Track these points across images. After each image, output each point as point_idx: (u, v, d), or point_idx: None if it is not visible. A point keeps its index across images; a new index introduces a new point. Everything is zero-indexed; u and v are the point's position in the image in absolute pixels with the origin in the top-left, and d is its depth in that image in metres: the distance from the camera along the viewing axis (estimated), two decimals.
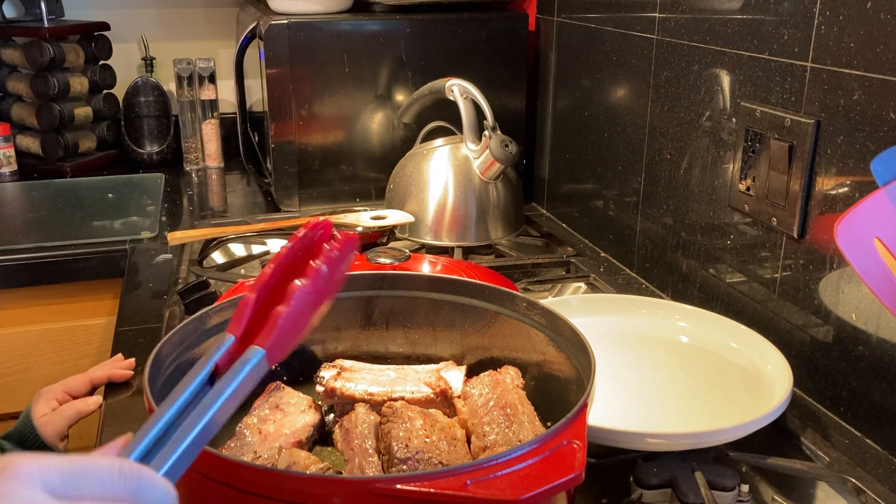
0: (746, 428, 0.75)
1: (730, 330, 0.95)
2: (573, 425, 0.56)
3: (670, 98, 1.12)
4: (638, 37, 1.18)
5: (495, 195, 1.33)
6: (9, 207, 1.58)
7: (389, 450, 0.65)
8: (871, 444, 0.83)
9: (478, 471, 0.51)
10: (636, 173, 1.22)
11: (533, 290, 1.20)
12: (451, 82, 1.32)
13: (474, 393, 0.73)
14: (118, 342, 1.03)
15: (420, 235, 1.33)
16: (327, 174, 1.49)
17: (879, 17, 0.77)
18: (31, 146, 1.76)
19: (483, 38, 1.50)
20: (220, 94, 1.86)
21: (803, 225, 0.90)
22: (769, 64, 0.92)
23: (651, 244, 1.20)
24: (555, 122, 1.50)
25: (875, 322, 0.81)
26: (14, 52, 1.72)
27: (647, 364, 0.92)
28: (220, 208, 1.61)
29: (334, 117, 1.47)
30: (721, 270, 1.05)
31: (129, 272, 1.26)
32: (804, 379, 0.91)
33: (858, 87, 0.80)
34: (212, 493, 0.55)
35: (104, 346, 1.37)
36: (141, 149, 1.84)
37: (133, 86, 1.82)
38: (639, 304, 1.02)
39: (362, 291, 0.83)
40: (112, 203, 1.56)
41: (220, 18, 1.92)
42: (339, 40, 1.43)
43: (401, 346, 0.85)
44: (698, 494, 0.71)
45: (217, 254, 1.34)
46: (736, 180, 0.99)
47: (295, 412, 0.74)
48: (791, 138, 0.89)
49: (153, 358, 0.64)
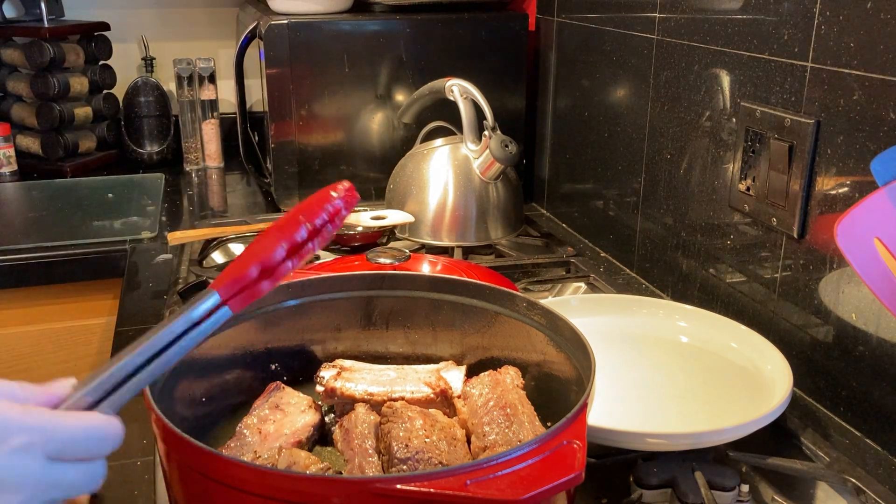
0: (746, 428, 0.75)
1: (730, 330, 0.95)
2: (573, 425, 0.56)
3: (670, 98, 1.12)
4: (638, 37, 1.18)
5: (495, 195, 1.33)
6: (9, 207, 1.58)
7: (389, 450, 0.65)
8: (871, 444, 0.83)
9: (478, 471, 0.51)
10: (636, 173, 1.22)
11: (533, 290, 1.20)
12: (451, 82, 1.32)
13: (474, 393, 0.73)
14: (118, 342, 1.03)
15: (420, 235, 1.33)
16: (327, 174, 1.49)
17: (879, 17, 0.77)
18: (31, 146, 1.76)
19: (483, 38, 1.50)
20: (220, 94, 1.86)
21: (803, 225, 0.90)
22: (769, 64, 0.92)
23: (651, 244, 1.20)
24: (555, 122, 1.50)
25: (875, 322, 0.81)
26: (14, 52, 1.72)
27: (647, 364, 0.92)
28: (220, 208, 1.61)
29: (334, 117, 1.47)
30: (721, 270, 1.05)
31: (129, 272, 1.26)
32: (804, 379, 0.91)
33: (858, 87, 0.80)
34: (212, 493, 0.55)
35: (104, 346, 1.37)
36: (141, 149, 1.84)
37: (133, 86, 1.82)
38: (639, 304, 1.02)
39: (362, 291, 0.83)
40: (112, 203, 1.56)
41: (220, 18, 1.92)
42: (339, 40, 1.43)
43: (401, 346, 0.85)
44: (698, 494, 0.71)
45: (217, 254, 1.34)
46: (736, 180, 0.99)
47: (295, 412, 0.74)
48: (791, 138, 0.89)
49: None
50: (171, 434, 0.55)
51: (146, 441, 0.82)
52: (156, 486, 0.75)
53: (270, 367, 0.81)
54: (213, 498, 0.55)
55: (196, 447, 0.54)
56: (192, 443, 0.54)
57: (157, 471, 0.78)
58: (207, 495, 0.55)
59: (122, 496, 0.74)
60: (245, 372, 0.78)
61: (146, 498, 0.74)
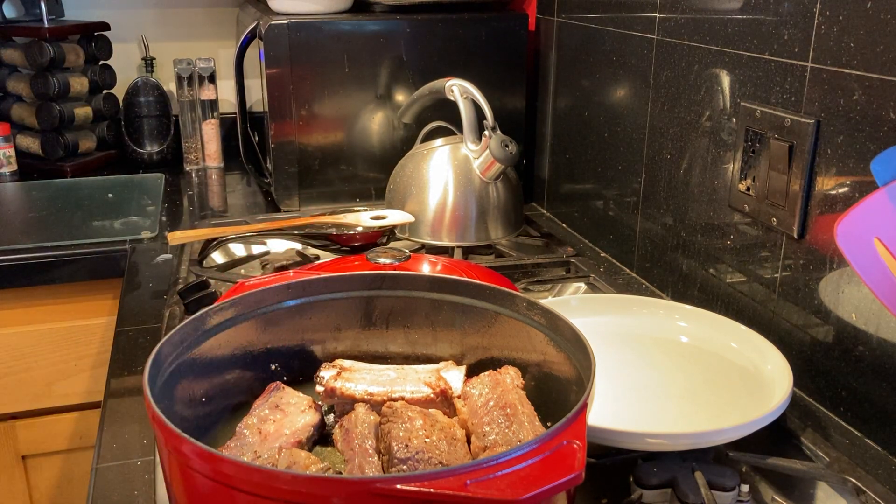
0: (746, 428, 0.75)
1: (730, 330, 0.95)
2: (573, 425, 0.56)
3: (670, 98, 1.12)
4: (638, 37, 1.18)
5: (495, 195, 1.33)
6: (9, 207, 1.58)
7: (389, 450, 0.65)
8: (871, 444, 0.83)
9: (478, 471, 0.51)
10: (636, 173, 1.22)
11: (533, 290, 1.20)
12: (451, 82, 1.32)
13: (474, 393, 0.73)
14: (118, 342, 1.03)
15: (420, 235, 1.33)
16: (327, 174, 1.49)
17: (879, 17, 0.77)
18: (31, 146, 1.76)
19: (483, 38, 1.50)
20: (220, 94, 1.86)
21: (803, 225, 0.90)
22: (769, 64, 0.92)
23: (651, 244, 1.20)
24: (555, 122, 1.50)
25: (875, 322, 0.81)
26: (14, 52, 1.72)
27: (647, 364, 0.92)
28: (220, 208, 1.61)
29: (334, 117, 1.47)
30: (721, 270, 1.05)
31: (129, 272, 1.26)
32: (804, 379, 0.91)
33: (858, 87, 0.80)
34: (212, 493, 0.55)
35: (104, 346, 1.37)
36: (141, 149, 1.84)
37: (133, 86, 1.82)
38: (639, 304, 1.02)
39: (362, 291, 0.83)
40: (112, 203, 1.56)
41: (220, 18, 1.92)
42: (339, 40, 1.43)
43: (401, 346, 0.85)
44: (698, 494, 0.71)
45: (217, 254, 1.34)
46: (736, 180, 0.99)
47: (295, 412, 0.74)
48: (791, 138, 0.89)
49: (153, 358, 0.64)
50: (171, 434, 0.55)
51: (146, 441, 0.82)
52: (156, 486, 0.75)
53: (270, 367, 0.81)
54: (213, 498, 0.55)
55: (196, 447, 0.54)
56: (192, 443, 0.54)
57: (157, 471, 0.78)
58: (207, 495, 0.55)
59: (122, 496, 0.74)
60: (245, 372, 0.78)
61: (146, 498, 0.74)
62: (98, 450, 0.81)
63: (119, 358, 1.00)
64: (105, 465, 0.78)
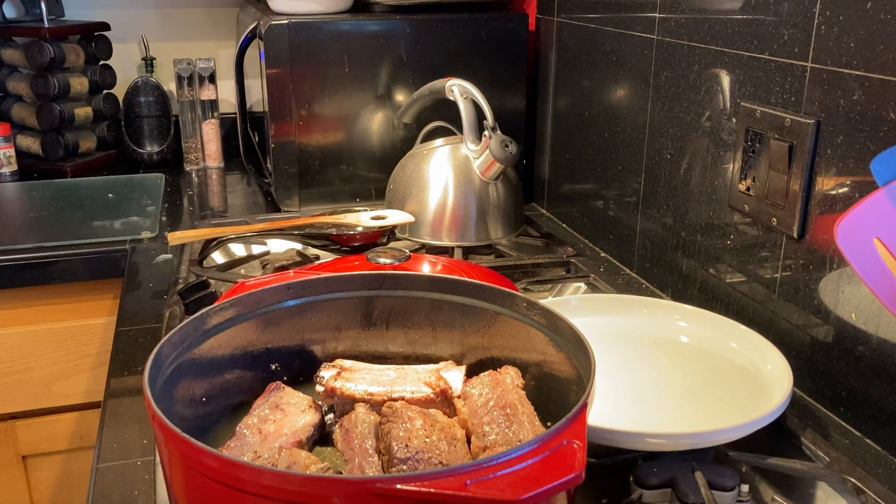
0: (746, 428, 0.75)
1: (730, 330, 0.95)
2: (573, 425, 0.56)
3: (670, 98, 1.12)
4: (638, 37, 1.18)
5: (495, 195, 1.33)
6: (9, 207, 1.58)
7: (389, 450, 0.65)
8: (871, 444, 0.83)
9: (478, 471, 0.51)
10: (636, 173, 1.22)
11: (533, 290, 1.20)
12: (451, 82, 1.32)
13: (474, 393, 0.73)
14: (118, 342, 1.03)
15: (420, 235, 1.33)
16: (327, 174, 1.49)
17: (879, 17, 0.77)
18: (31, 146, 1.76)
19: (483, 38, 1.50)
20: (220, 94, 1.86)
21: (803, 225, 0.90)
22: (769, 64, 0.92)
23: (651, 244, 1.20)
24: (555, 122, 1.50)
25: (875, 322, 0.81)
26: (14, 52, 1.72)
27: (646, 364, 0.92)
28: (220, 208, 1.61)
29: (334, 117, 1.47)
30: (721, 270, 1.05)
31: (129, 272, 1.26)
32: (804, 379, 0.91)
33: (858, 87, 0.80)
34: (212, 493, 0.55)
35: (104, 346, 1.37)
36: (141, 149, 1.84)
37: (133, 86, 1.82)
38: (639, 304, 1.02)
39: (362, 291, 0.83)
40: (112, 203, 1.56)
41: (220, 18, 1.92)
42: (339, 40, 1.43)
43: (401, 346, 0.85)
44: (698, 494, 0.71)
45: (217, 254, 1.34)
46: (736, 180, 0.99)
47: (295, 412, 0.74)
48: (791, 138, 0.89)
49: (153, 358, 0.64)
50: (171, 434, 0.55)
51: (146, 441, 0.82)
52: (156, 486, 0.75)
53: (270, 367, 0.81)
54: (213, 498, 0.55)
55: (196, 447, 0.54)
56: (192, 443, 0.54)
57: (157, 471, 0.78)
58: (207, 495, 0.55)
59: (122, 496, 0.74)
60: (245, 372, 0.78)
61: (146, 498, 0.74)
62: (98, 450, 0.81)
63: (119, 358, 1.00)
64: (105, 465, 0.79)
